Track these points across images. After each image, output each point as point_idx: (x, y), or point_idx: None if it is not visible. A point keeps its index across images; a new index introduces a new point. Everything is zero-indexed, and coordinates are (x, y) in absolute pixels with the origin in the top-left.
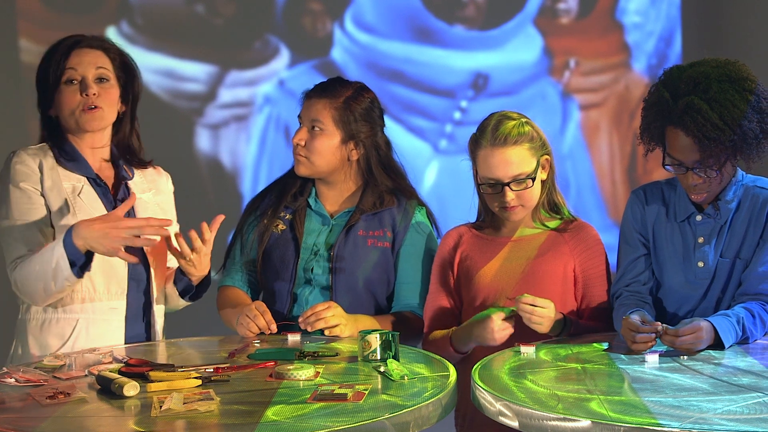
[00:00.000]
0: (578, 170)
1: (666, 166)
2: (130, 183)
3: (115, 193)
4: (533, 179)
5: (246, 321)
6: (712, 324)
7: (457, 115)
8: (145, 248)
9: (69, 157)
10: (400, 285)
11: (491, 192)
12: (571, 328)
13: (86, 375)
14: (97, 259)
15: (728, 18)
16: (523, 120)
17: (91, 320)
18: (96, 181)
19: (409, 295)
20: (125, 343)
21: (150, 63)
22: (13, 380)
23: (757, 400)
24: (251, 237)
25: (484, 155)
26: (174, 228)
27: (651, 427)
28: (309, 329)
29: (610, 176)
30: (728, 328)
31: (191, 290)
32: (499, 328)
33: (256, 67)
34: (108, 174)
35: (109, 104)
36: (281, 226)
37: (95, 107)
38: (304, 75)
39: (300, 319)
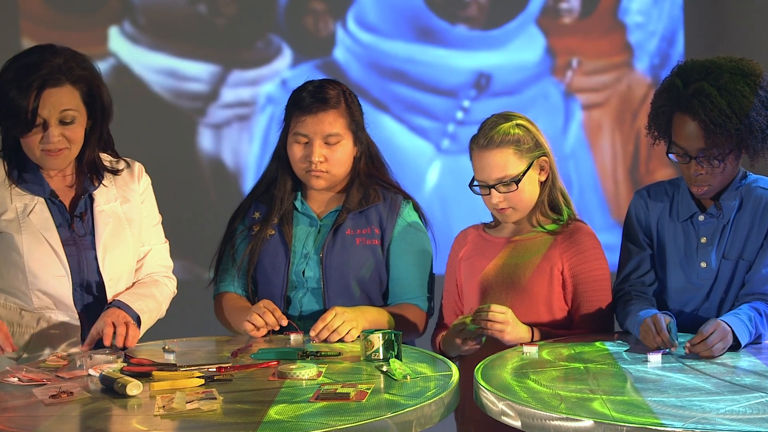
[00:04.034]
0: (580, 170)
1: (669, 155)
2: (95, 193)
3: (73, 208)
4: (517, 182)
5: (254, 318)
6: (727, 324)
7: (460, 114)
8: (101, 265)
9: (27, 178)
10: (395, 281)
11: (482, 193)
12: (539, 337)
13: (89, 374)
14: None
15: (730, 18)
16: (516, 122)
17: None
18: (51, 200)
19: (405, 291)
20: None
21: (152, 63)
22: (16, 379)
23: (759, 400)
24: (242, 245)
25: (473, 157)
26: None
27: (654, 427)
28: (322, 341)
29: (612, 176)
30: (742, 327)
31: None
32: (463, 342)
33: (258, 67)
34: (69, 186)
35: (74, 141)
36: (271, 231)
37: (58, 150)
38: (307, 75)
39: (312, 334)
